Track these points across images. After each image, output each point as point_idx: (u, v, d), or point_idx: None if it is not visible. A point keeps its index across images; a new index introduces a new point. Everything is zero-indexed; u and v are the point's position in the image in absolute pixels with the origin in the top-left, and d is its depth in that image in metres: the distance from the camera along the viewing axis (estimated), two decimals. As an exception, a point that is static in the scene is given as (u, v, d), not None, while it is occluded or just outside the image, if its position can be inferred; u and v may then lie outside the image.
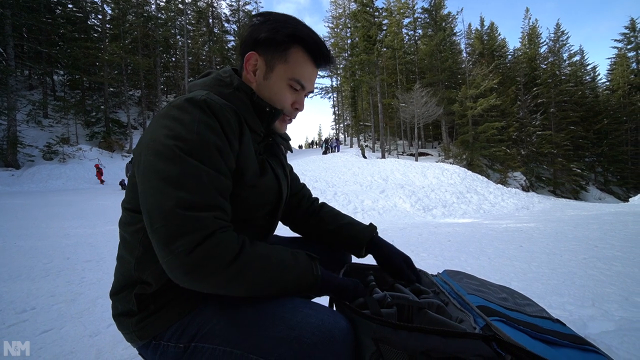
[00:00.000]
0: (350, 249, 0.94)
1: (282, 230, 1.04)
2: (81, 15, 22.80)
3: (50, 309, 1.89)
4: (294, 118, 0.80)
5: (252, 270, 0.56)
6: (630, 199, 11.58)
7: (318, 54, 0.71)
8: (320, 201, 1.06)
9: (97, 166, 15.09)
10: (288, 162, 0.96)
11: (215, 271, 0.52)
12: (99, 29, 23.37)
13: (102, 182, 14.75)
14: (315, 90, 39.75)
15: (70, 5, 22.71)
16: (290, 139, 0.93)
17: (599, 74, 37.78)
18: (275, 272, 0.59)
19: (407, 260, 0.88)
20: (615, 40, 33.79)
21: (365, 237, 0.91)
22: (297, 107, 0.76)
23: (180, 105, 0.60)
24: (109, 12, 23.66)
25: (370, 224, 0.96)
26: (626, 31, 32.76)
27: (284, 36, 0.68)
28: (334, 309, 0.72)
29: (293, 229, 1.04)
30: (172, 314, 0.64)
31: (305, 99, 0.80)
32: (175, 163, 0.55)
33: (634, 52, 32.56)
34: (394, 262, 0.86)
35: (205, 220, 0.53)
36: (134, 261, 0.65)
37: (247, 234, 0.72)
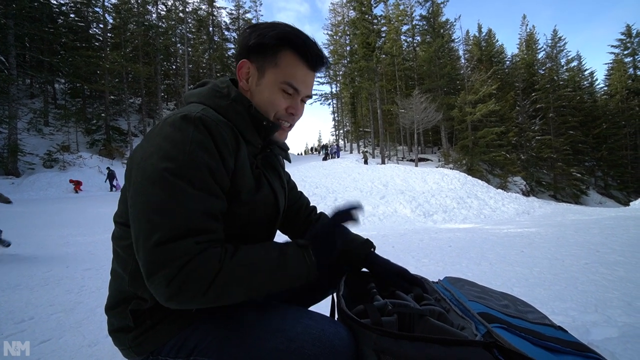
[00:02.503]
0: (345, 264, 0.93)
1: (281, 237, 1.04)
2: (83, 24, 23.11)
3: (49, 318, 1.88)
4: (293, 125, 0.78)
5: (236, 282, 0.54)
6: (631, 203, 11.56)
7: (309, 54, 0.68)
8: (318, 211, 1.05)
9: (71, 180, 14.81)
10: (286, 170, 0.96)
11: (196, 295, 0.51)
12: (100, 38, 23.64)
13: (77, 190, 14.42)
14: (315, 97, 40.02)
15: (72, 15, 23.03)
16: (288, 149, 0.90)
17: (596, 79, 37.98)
18: (263, 276, 0.57)
19: (402, 275, 0.86)
20: (612, 46, 34.09)
21: (361, 253, 0.90)
22: (292, 112, 0.73)
23: (174, 122, 0.59)
24: (111, 21, 23.96)
25: (367, 240, 0.94)
26: (622, 37, 33.05)
27: (271, 39, 0.67)
28: (335, 317, 0.71)
29: (291, 239, 1.03)
30: (170, 328, 0.63)
31: (304, 104, 0.77)
32: (162, 187, 0.54)
33: (631, 58, 32.82)
34: (389, 278, 0.85)
35: (185, 248, 0.51)
36: (127, 277, 0.64)
37: None
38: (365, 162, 21.16)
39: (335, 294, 0.80)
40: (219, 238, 0.57)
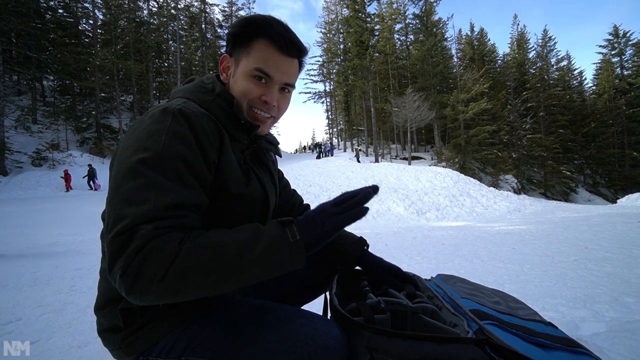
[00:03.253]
0: (339, 262, 0.93)
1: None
2: (72, 20, 22.61)
3: (38, 319, 1.84)
4: (275, 117, 0.74)
5: (199, 267, 0.48)
6: (618, 201, 11.82)
7: (278, 38, 0.66)
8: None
9: (66, 171, 14.38)
10: (278, 167, 0.95)
11: (152, 282, 0.46)
12: (90, 34, 23.17)
13: (68, 188, 13.93)
14: (308, 95, 39.75)
15: (60, 10, 22.51)
16: (278, 144, 0.89)
17: (585, 79, 38.80)
18: (233, 258, 0.49)
19: (395, 272, 0.86)
20: (600, 46, 34.71)
21: (354, 251, 0.90)
22: (266, 99, 0.69)
23: (154, 114, 0.59)
24: (100, 17, 23.51)
25: (360, 237, 0.94)
26: (610, 37, 33.67)
27: (239, 27, 0.68)
28: (328, 315, 0.71)
29: None
30: (160, 328, 0.61)
31: (288, 95, 0.75)
32: (133, 178, 0.52)
33: (618, 58, 33.46)
34: (382, 276, 0.85)
35: (140, 232, 0.48)
36: None
37: None
38: (358, 159, 21.23)
39: (327, 293, 0.80)
40: (186, 224, 0.53)
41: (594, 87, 37.19)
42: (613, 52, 33.70)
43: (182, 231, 0.51)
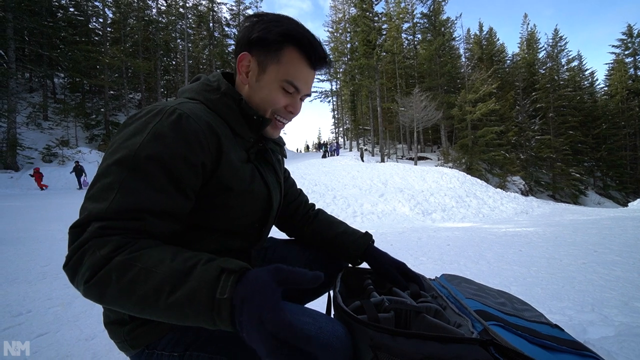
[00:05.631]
0: (344, 258, 0.93)
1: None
2: (82, 18, 23.00)
3: (47, 312, 1.88)
4: (289, 122, 0.77)
5: (119, 286, 0.45)
6: (629, 204, 11.59)
7: (313, 54, 0.67)
8: (317, 207, 1.05)
9: (36, 170, 13.75)
10: (285, 167, 0.95)
11: (80, 284, 0.47)
12: (100, 33, 23.52)
13: (41, 187, 13.31)
14: (315, 94, 39.77)
15: (71, 9, 22.93)
16: (284, 144, 0.89)
17: (597, 79, 37.93)
18: (145, 293, 0.44)
19: (400, 268, 0.85)
20: (613, 45, 34.10)
21: (359, 247, 0.90)
22: (291, 110, 0.72)
23: (145, 113, 0.59)
24: (110, 15, 23.90)
25: (366, 232, 0.94)
26: (623, 37, 33.05)
27: (276, 35, 0.65)
28: (332, 313, 0.71)
29: (290, 236, 1.03)
30: (167, 322, 0.61)
31: (303, 102, 0.76)
32: (104, 175, 0.53)
33: (632, 58, 32.81)
34: (387, 271, 0.85)
35: (89, 229, 0.48)
36: None
37: (233, 244, 0.71)
38: (362, 158, 21.19)
39: (331, 290, 0.80)
40: (141, 229, 0.51)
41: (605, 88, 36.56)
42: (626, 52, 33.09)
43: (129, 237, 0.49)
